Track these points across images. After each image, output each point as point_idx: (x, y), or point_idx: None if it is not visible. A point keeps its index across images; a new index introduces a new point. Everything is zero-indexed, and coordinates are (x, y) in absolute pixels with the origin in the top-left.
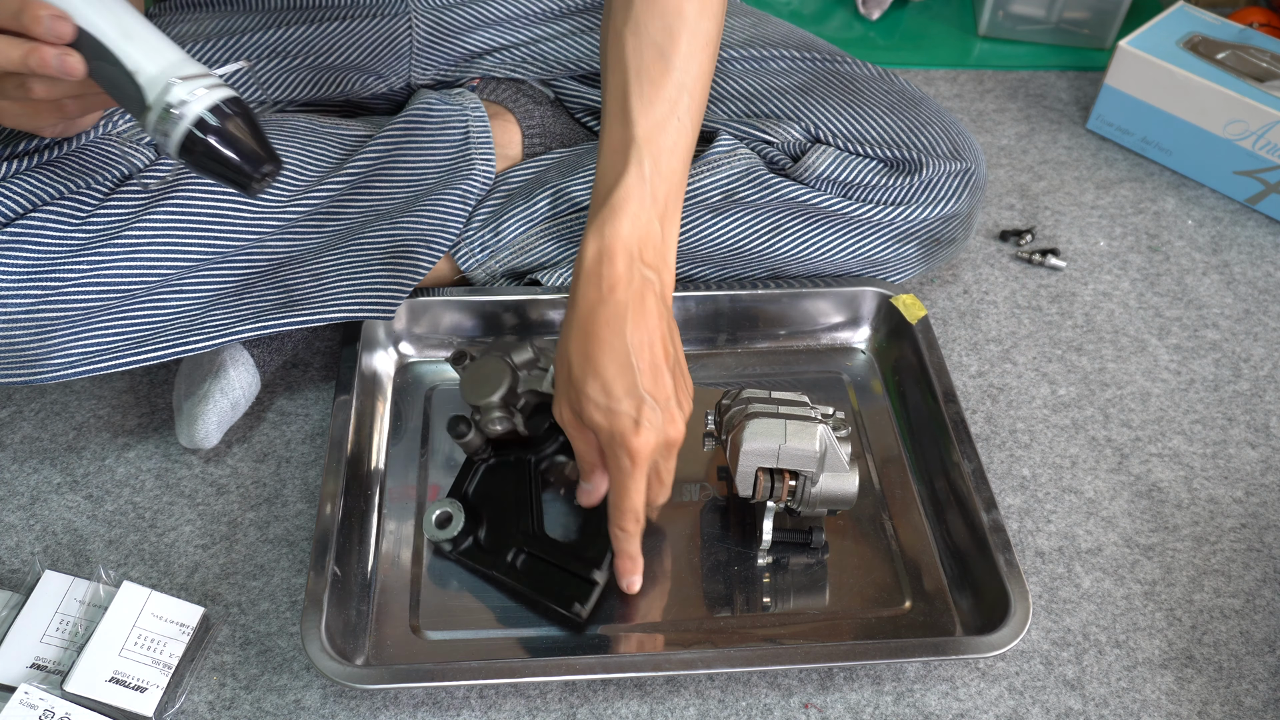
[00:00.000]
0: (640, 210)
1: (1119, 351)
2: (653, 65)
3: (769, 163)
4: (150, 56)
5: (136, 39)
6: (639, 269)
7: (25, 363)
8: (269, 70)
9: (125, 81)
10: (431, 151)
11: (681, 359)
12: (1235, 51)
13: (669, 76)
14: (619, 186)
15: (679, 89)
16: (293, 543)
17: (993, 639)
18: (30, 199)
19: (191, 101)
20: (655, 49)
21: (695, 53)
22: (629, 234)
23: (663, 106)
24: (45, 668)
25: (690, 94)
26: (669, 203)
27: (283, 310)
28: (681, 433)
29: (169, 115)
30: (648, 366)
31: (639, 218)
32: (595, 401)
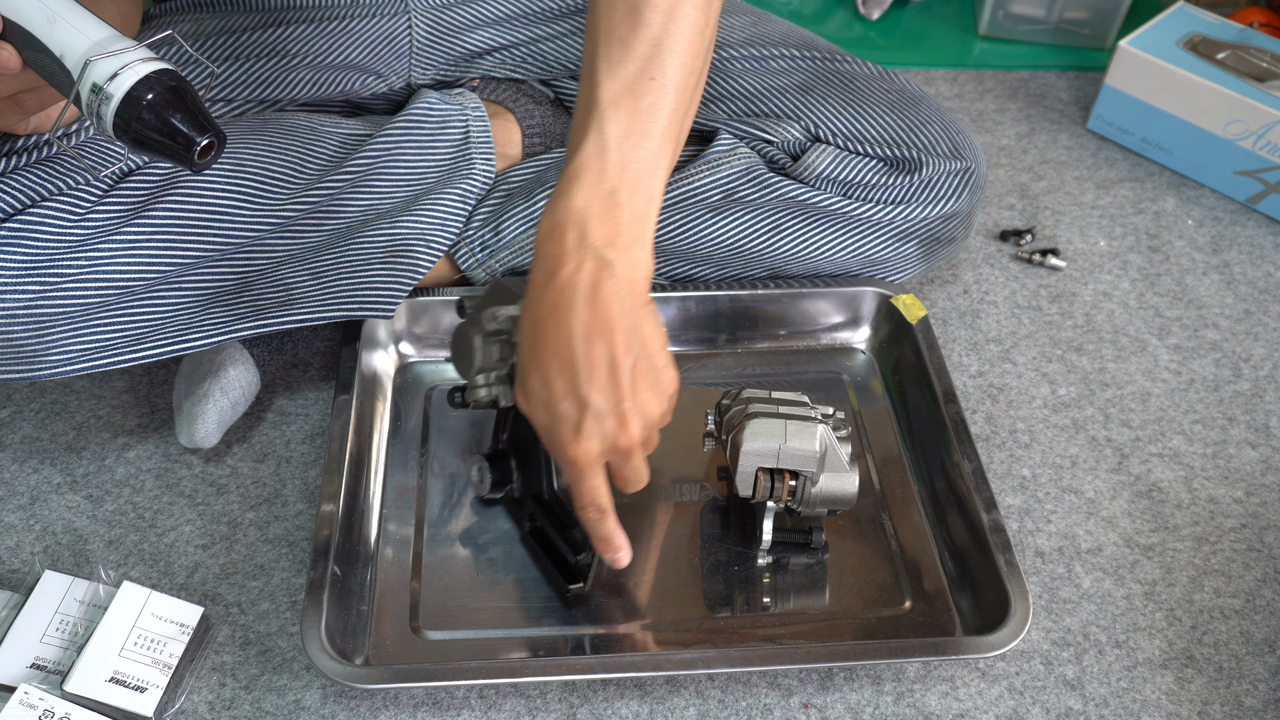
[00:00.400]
0: (598, 181)
1: (1119, 351)
2: (623, 22)
3: (769, 162)
4: (75, 38)
5: (61, 22)
6: (592, 249)
7: (23, 359)
8: (269, 70)
9: (55, 67)
10: (431, 151)
11: (654, 354)
12: (1235, 51)
13: (640, 32)
14: (577, 155)
15: (653, 45)
16: (293, 543)
17: (993, 639)
18: (29, 195)
19: (121, 76)
20: (626, 4)
21: (677, 5)
22: (581, 207)
23: (632, 65)
24: (45, 668)
25: (670, 50)
26: (642, 169)
27: (282, 309)
28: (635, 439)
29: (99, 93)
30: (598, 364)
31: (596, 189)
32: (537, 396)
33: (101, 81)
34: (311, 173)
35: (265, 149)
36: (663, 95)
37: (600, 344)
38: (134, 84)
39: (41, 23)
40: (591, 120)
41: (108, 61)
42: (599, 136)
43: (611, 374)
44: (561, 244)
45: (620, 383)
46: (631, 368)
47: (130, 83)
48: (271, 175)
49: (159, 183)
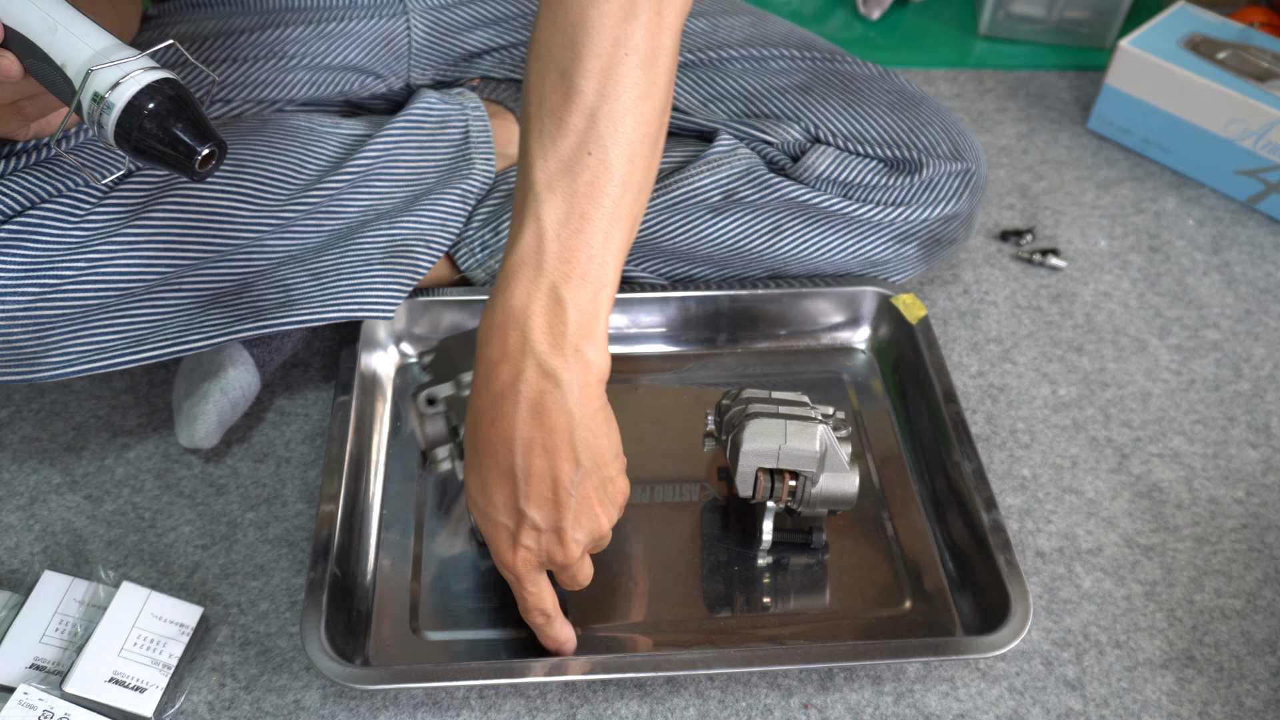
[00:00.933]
0: (537, 277)
1: (1119, 351)
2: (553, 93)
3: (769, 162)
4: (76, 46)
5: (63, 30)
6: (534, 355)
7: (23, 361)
8: (268, 71)
9: (56, 75)
10: (431, 151)
11: (604, 464)
12: (1236, 51)
13: (573, 103)
14: (514, 250)
15: (588, 117)
16: (293, 543)
17: (993, 639)
18: (28, 196)
19: (122, 85)
20: (557, 72)
21: (613, 67)
22: (521, 308)
23: (567, 142)
24: (45, 668)
25: (609, 119)
26: (588, 257)
27: (281, 310)
28: (572, 557)
29: (100, 103)
30: (537, 481)
31: (536, 286)
32: (476, 502)
33: (103, 90)
34: (311, 173)
35: (264, 150)
36: (604, 172)
37: (541, 460)
38: (135, 93)
39: (43, 31)
40: (528, 208)
41: (109, 70)
42: (536, 226)
43: (553, 491)
44: (503, 348)
45: (561, 501)
46: (577, 483)
47: (131, 92)
48: (271, 176)
49: (159, 184)
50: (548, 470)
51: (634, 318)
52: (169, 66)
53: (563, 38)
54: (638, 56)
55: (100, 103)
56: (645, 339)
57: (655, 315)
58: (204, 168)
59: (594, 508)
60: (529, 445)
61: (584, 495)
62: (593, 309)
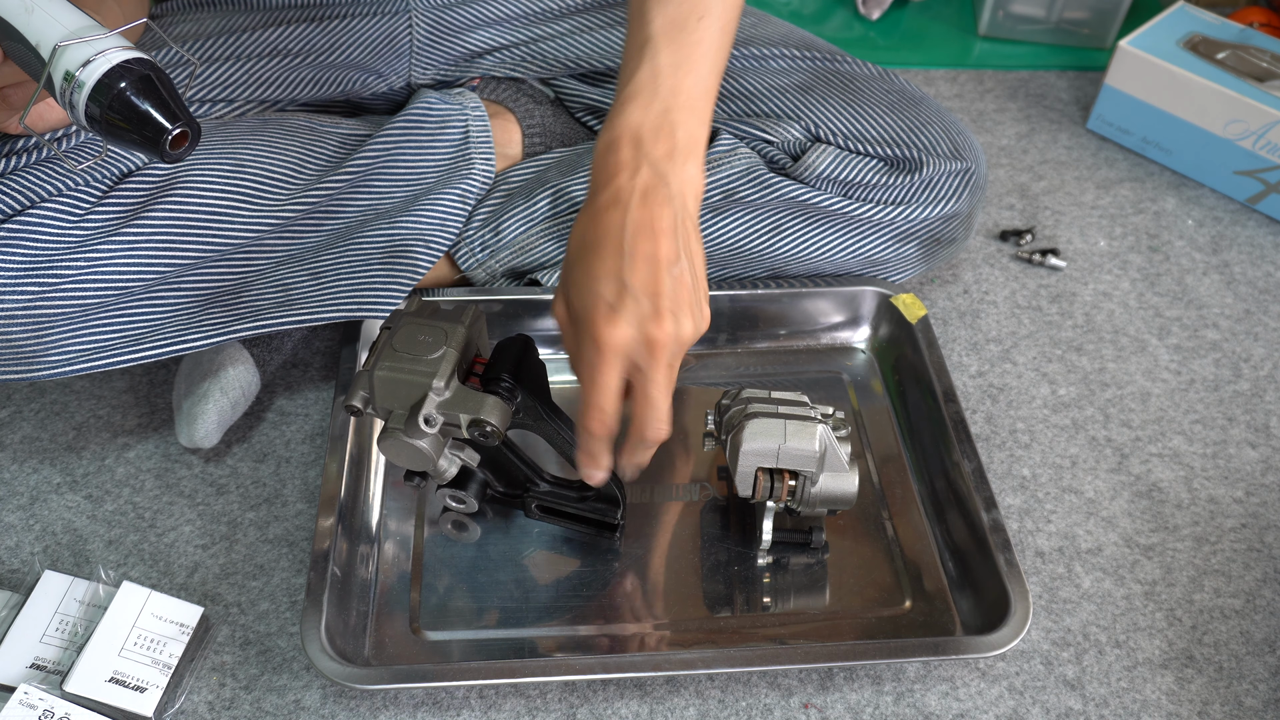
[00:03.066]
0: (652, 100)
1: (1119, 351)
2: None
3: (769, 162)
4: (51, 26)
5: (39, 11)
6: (648, 159)
7: (22, 359)
8: (270, 69)
9: (32, 56)
10: (431, 151)
11: (699, 268)
12: (1235, 51)
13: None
14: (630, 82)
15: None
16: (293, 543)
17: (993, 639)
18: (28, 195)
19: (93, 63)
20: None
21: None
22: (636, 124)
23: (682, 5)
24: (45, 668)
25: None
26: (692, 95)
27: (281, 309)
28: (669, 336)
29: (71, 81)
30: (642, 258)
31: (650, 108)
32: (577, 283)
33: (73, 69)
34: (311, 173)
35: (265, 149)
36: (709, 34)
37: (647, 243)
38: (106, 71)
39: (19, 12)
40: (645, 52)
41: (80, 48)
42: (652, 65)
43: (653, 270)
44: (618, 155)
45: (661, 280)
46: (676, 270)
47: (103, 70)
48: (271, 175)
49: (158, 183)
50: (652, 251)
51: None
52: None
53: None
54: None
55: (71, 81)
56: None
57: None
58: (175, 149)
59: (687, 300)
60: (638, 227)
61: (680, 283)
62: (698, 134)
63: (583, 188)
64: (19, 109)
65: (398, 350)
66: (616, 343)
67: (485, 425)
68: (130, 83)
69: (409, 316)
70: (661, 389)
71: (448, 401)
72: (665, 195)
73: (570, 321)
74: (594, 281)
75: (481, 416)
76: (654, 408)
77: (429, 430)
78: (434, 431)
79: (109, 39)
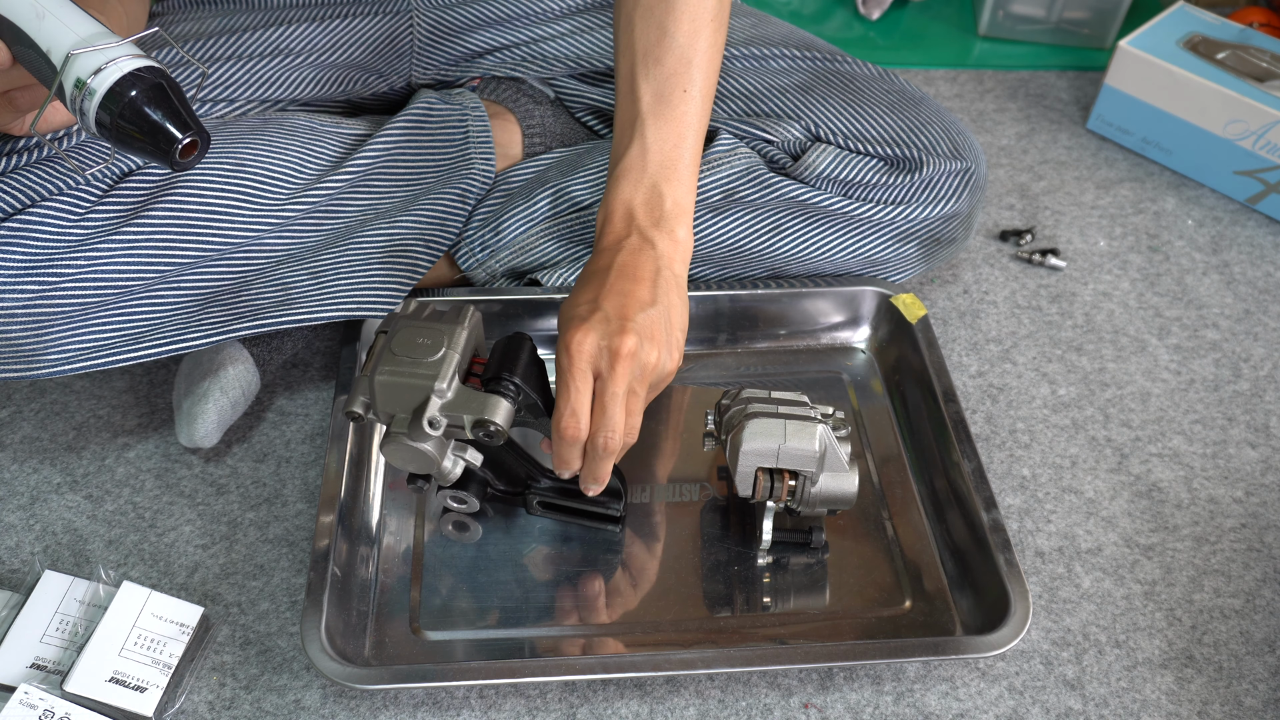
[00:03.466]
0: (641, 177)
1: (1119, 351)
2: (657, 44)
3: (769, 162)
4: (62, 33)
5: (50, 17)
6: (638, 228)
7: (21, 358)
8: (271, 69)
9: (43, 63)
10: (431, 151)
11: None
12: (1235, 51)
13: (672, 52)
14: (622, 159)
15: (684, 62)
16: (293, 543)
17: (993, 639)
18: (28, 194)
19: (104, 71)
20: (658, 27)
21: (700, 28)
22: (628, 197)
23: (668, 79)
24: (45, 668)
25: (696, 66)
26: (678, 167)
27: (280, 308)
28: (630, 349)
29: (81, 88)
30: (618, 291)
31: (640, 183)
32: (562, 312)
33: (85, 76)
34: (311, 173)
35: (265, 149)
36: (693, 106)
37: (626, 283)
38: (117, 80)
39: (30, 18)
40: (635, 129)
41: (92, 56)
42: (641, 143)
43: (626, 301)
44: (613, 226)
45: (630, 309)
46: (649, 311)
47: (114, 78)
48: (271, 175)
49: (158, 183)
50: (630, 289)
51: None
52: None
53: (665, 4)
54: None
55: (82, 89)
56: None
57: None
58: (184, 158)
59: (656, 335)
60: (620, 270)
61: (652, 320)
62: (684, 201)
63: (583, 188)
64: (25, 111)
65: (397, 354)
66: (583, 349)
67: (489, 425)
68: (141, 91)
69: (406, 319)
70: (617, 400)
71: (450, 403)
72: (652, 255)
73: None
74: (574, 306)
75: (485, 417)
76: (607, 416)
77: (433, 433)
78: (438, 434)
79: (120, 46)
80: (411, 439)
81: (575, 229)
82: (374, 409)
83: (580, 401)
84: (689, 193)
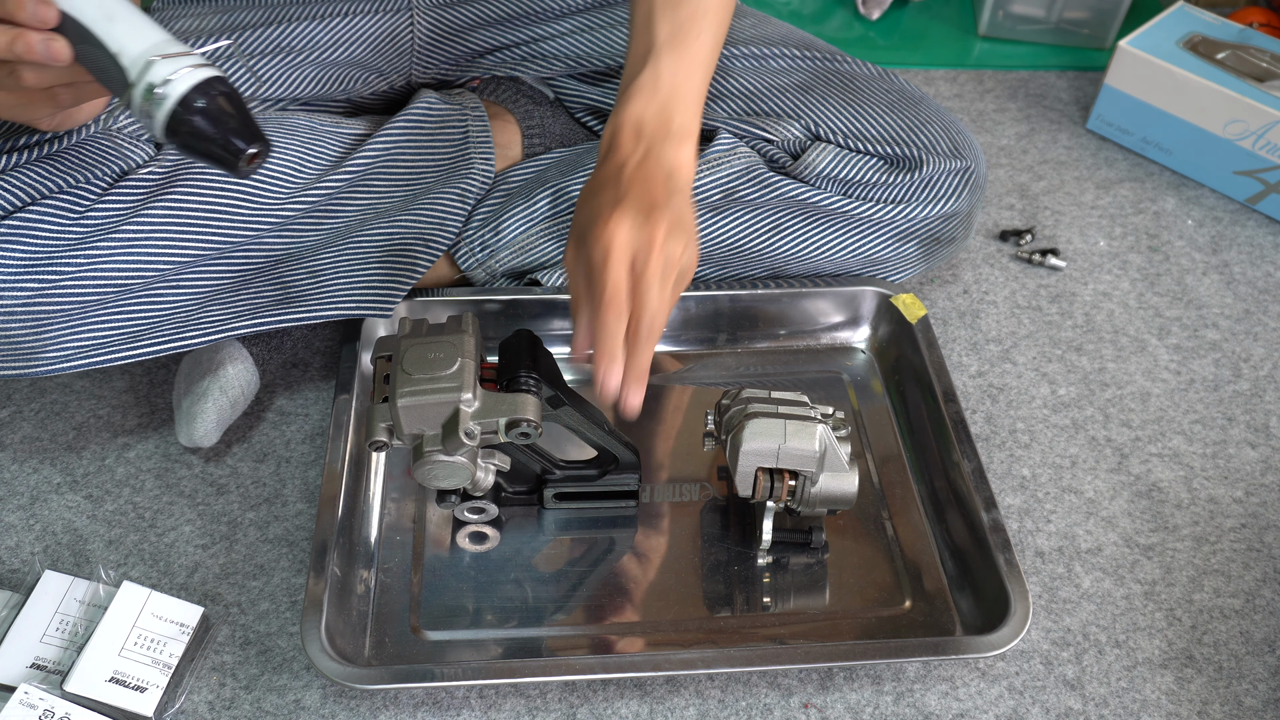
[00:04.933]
0: (652, 96)
1: (1119, 351)
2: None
3: (769, 161)
4: (133, 37)
5: (120, 20)
6: (646, 140)
7: (20, 356)
8: (272, 67)
9: (109, 64)
10: (431, 151)
11: (685, 222)
12: (1235, 51)
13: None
14: (634, 81)
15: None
16: (293, 543)
17: (993, 639)
18: (28, 193)
19: (175, 80)
20: None
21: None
22: (639, 113)
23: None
24: (45, 668)
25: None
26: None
27: (280, 307)
28: (660, 237)
29: (152, 95)
30: (636, 194)
31: (651, 102)
32: (581, 209)
33: (156, 83)
34: (311, 172)
35: None
36: (705, 47)
37: (641, 187)
38: (189, 89)
39: (100, 19)
40: (649, 58)
41: (165, 64)
42: (654, 69)
43: (648, 197)
44: (620, 138)
45: (656, 202)
46: (670, 208)
47: (185, 88)
48: (271, 174)
49: (158, 181)
50: (647, 189)
51: None
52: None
53: None
54: None
55: (151, 96)
56: None
57: None
58: (249, 165)
59: (683, 229)
60: (632, 178)
61: (676, 214)
62: (691, 126)
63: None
64: (64, 107)
65: (411, 374)
66: (620, 236)
67: (524, 423)
68: (210, 102)
69: (408, 339)
70: (654, 282)
71: (480, 410)
72: (660, 164)
73: (577, 253)
74: (596, 206)
75: (519, 415)
76: (648, 299)
77: (469, 443)
78: (474, 444)
79: (190, 56)
80: (448, 454)
81: None
82: (398, 433)
83: (620, 284)
84: (695, 119)
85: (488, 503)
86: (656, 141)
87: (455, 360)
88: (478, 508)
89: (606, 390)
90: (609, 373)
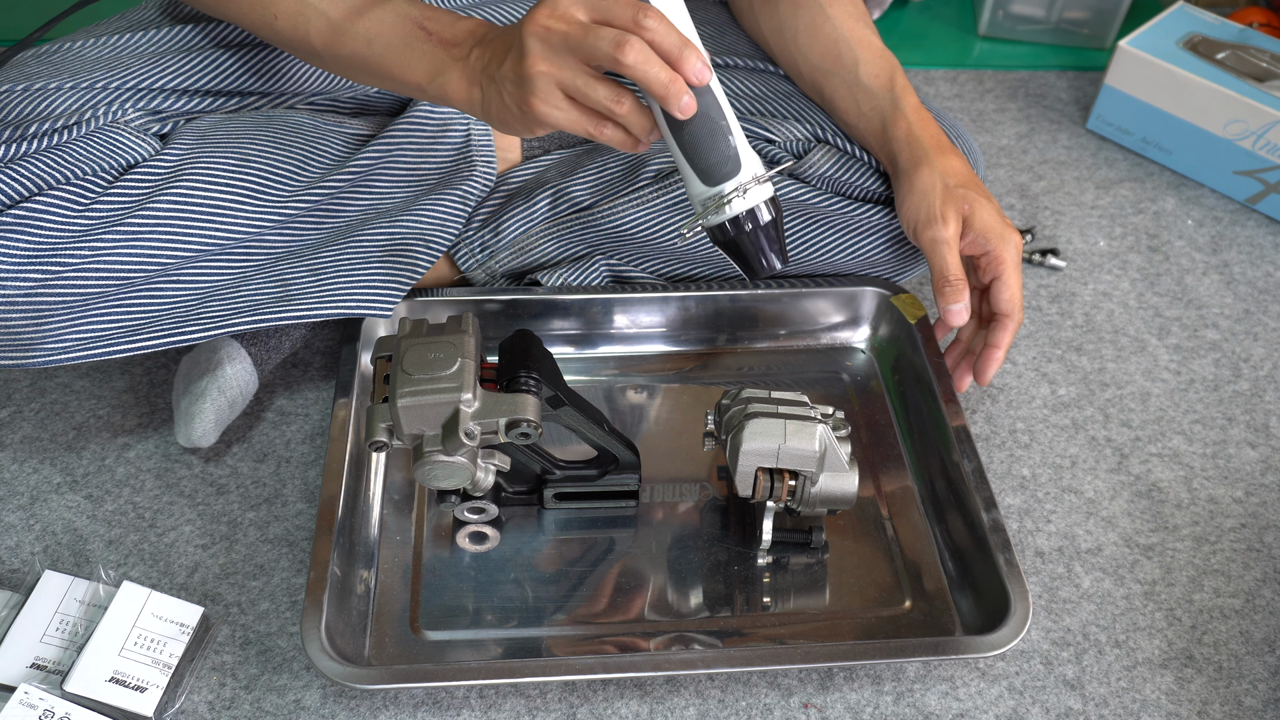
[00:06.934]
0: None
1: (1119, 351)
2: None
3: (771, 162)
4: (746, 153)
5: (739, 135)
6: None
7: (19, 346)
8: (278, 62)
9: (720, 156)
10: (433, 152)
11: None
12: (1235, 51)
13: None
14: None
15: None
16: (293, 543)
17: (993, 639)
18: (34, 183)
19: (744, 196)
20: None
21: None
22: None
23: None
24: (45, 668)
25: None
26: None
27: (280, 304)
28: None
29: (717, 201)
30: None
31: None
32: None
33: (727, 192)
34: (314, 171)
35: (269, 145)
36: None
37: (977, 189)
38: (747, 210)
39: (729, 108)
40: (893, 88)
41: (742, 177)
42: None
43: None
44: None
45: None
46: None
47: (745, 208)
48: (274, 172)
49: (163, 176)
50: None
51: (634, 318)
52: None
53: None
54: None
55: (717, 200)
56: (645, 339)
57: (655, 315)
58: (764, 275)
59: None
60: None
61: None
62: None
63: (582, 188)
64: (600, 139)
65: (412, 374)
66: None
67: (524, 423)
68: (759, 226)
69: (408, 339)
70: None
71: (480, 410)
72: (973, 170)
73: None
74: (986, 203)
75: (519, 415)
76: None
77: (469, 444)
78: (474, 444)
79: (763, 179)
80: (448, 454)
81: (575, 229)
82: (398, 434)
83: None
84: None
85: (488, 503)
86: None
87: (455, 360)
88: (478, 508)
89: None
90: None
